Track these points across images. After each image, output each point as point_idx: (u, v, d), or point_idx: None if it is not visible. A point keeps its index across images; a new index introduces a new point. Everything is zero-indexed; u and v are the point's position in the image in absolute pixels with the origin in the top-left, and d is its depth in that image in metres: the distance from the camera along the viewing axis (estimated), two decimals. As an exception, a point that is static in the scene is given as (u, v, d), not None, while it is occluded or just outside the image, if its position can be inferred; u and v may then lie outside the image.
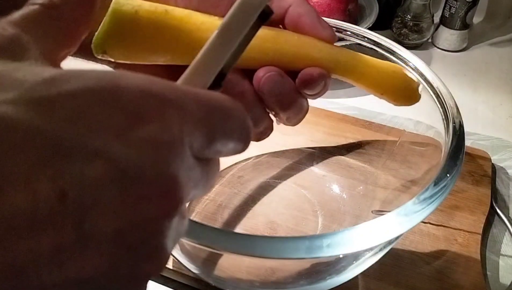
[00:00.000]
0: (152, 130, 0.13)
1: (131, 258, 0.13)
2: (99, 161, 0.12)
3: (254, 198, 0.45)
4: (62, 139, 0.11)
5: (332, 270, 0.32)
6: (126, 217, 0.12)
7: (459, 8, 0.67)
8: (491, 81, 0.66)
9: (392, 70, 0.30)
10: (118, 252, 0.12)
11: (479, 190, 0.45)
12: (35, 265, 0.11)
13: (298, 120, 0.28)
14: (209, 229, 0.24)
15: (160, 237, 0.13)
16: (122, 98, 0.13)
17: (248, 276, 0.34)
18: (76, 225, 0.11)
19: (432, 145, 0.36)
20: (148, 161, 0.13)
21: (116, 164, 0.12)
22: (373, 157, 0.48)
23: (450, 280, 0.38)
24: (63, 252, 0.11)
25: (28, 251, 0.11)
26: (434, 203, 0.26)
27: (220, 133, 0.16)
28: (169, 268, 0.38)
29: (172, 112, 0.13)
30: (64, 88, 0.12)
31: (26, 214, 0.11)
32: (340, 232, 0.24)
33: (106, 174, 0.12)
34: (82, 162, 0.11)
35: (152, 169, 0.13)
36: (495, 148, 0.53)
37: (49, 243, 0.11)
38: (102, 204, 0.12)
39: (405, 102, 0.31)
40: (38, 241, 0.11)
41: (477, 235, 0.41)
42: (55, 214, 0.11)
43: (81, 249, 0.12)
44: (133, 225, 0.12)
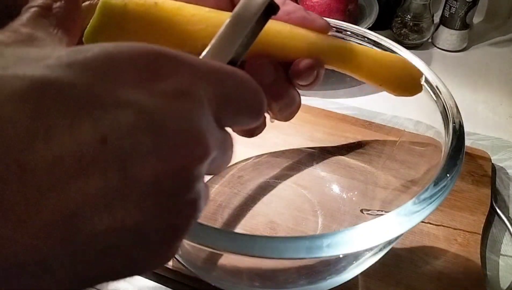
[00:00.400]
0: (173, 84, 0.14)
1: (170, 206, 0.14)
2: (131, 110, 0.13)
3: (254, 198, 0.45)
4: (95, 93, 0.13)
5: (332, 270, 0.32)
6: (162, 162, 0.13)
7: (459, 8, 0.67)
8: (491, 81, 0.66)
9: (390, 60, 0.29)
10: (158, 198, 0.13)
11: (479, 190, 0.45)
12: (86, 208, 0.12)
13: (290, 113, 0.28)
14: (209, 229, 0.24)
15: (193, 183, 0.15)
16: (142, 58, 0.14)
17: (248, 276, 0.34)
18: (119, 168, 0.12)
19: (432, 145, 0.36)
20: (174, 111, 0.14)
21: (146, 113, 0.13)
22: (373, 157, 0.48)
23: (450, 280, 0.38)
24: (110, 195, 0.12)
25: (78, 192, 0.12)
26: (434, 203, 0.26)
27: (234, 98, 0.17)
28: (169, 268, 0.38)
29: (188, 71, 0.15)
30: (88, 54, 0.13)
31: (74, 156, 0.12)
32: (340, 232, 0.24)
33: (138, 122, 0.13)
34: (116, 111, 0.13)
35: (179, 119, 0.14)
36: (495, 148, 0.53)
37: (97, 185, 0.12)
38: (139, 150, 0.13)
39: (406, 92, 0.30)
40: (86, 182, 0.12)
41: (477, 235, 0.41)
42: (99, 157, 0.12)
43: (125, 193, 0.13)
44: (168, 170, 0.13)
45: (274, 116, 0.28)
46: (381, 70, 0.29)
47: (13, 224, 0.11)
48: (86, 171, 0.12)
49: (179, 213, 0.15)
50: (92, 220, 0.12)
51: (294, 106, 0.27)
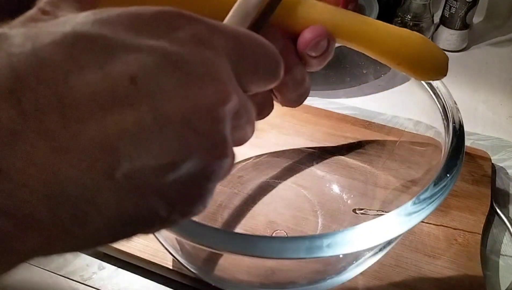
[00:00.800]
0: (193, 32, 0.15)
1: (200, 145, 0.15)
2: (156, 54, 0.14)
3: (254, 198, 0.45)
4: (123, 41, 0.14)
5: (332, 270, 0.32)
6: (188, 101, 0.14)
7: (459, 8, 0.67)
8: (491, 81, 0.66)
9: (410, 36, 0.26)
10: (189, 136, 0.14)
11: (479, 190, 0.45)
12: (124, 141, 0.13)
13: (298, 96, 0.26)
14: (209, 229, 0.24)
15: (220, 125, 0.15)
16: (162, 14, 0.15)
17: (248, 276, 0.34)
18: (150, 104, 0.13)
19: (432, 145, 0.36)
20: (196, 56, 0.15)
21: (170, 56, 0.14)
22: (373, 157, 0.48)
23: (450, 280, 0.38)
24: (145, 131, 0.13)
25: (115, 125, 0.13)
26: (434, 203, 0.26)
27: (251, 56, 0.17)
28: (169, 268, 0.38)
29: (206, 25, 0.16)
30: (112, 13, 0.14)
31: (107, 91, 0.13)
32: (340, 232, 0.24)
33: (164, 64, 0.14)
34: (142, 55, 0.14)
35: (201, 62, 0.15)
36: (495, 148, 0.53)
37: (131, 120, 0.13)
38: (166, 89, 0.14)
39: (428, 74, 0.27)
40: (121, 116, 0.13)
41: (477, 235, 0.41)
42: (130, 94, 0.13)
43: (159, 129, 0.14)
44: (195, 109, 0.14)
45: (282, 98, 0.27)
46: (400, 46, 0.25)
47: (56, 153, 0.12)
48: (120, 105, 0.13)
49: (211, 154, 0.15)
50: (131, 155, 0.13)
51: (303, 88, 0.26)
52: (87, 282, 0.38)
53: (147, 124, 0.13)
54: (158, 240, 0.33)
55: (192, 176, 0.15)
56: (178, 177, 0.15)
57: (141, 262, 0.39)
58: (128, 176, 0.13)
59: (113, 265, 0.39)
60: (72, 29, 0.13)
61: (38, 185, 0.12)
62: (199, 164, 0.15)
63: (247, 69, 0.17)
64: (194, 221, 0.24)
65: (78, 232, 0.13)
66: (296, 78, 0.25)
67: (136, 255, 0.38)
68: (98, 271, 0.39)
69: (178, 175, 0.15)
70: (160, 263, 0.38)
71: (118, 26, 0.14)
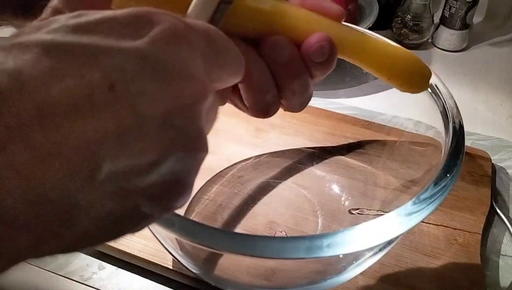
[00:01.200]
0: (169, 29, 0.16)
1: (180, 141, 0.15)
2: (134, 57, 0.14)
3: (254, 198, 0.45)
4: (101, 47, 0.14)
5: (332, 270, 0.32)
6: (168, 102, 0.15)
7: (459, 8, 0.67)
8: (491, 81, 0.66)
9: (402, 53, 0.28)
10: (169, 134, 0.15)
11: (479, 190, 0.45)
12: (104, 145, 0.13)
13: (302, 102, 0.27)
14: (209, 229, 0.24)
15: (198, 120, 0.16)
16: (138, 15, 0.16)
17: (248, 276, 0.34)
18: (129, 109, 0.14)
19: (432, 145, 0.36)
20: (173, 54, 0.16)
21: (148, 58, 0.15)
22: (373, 157, 0.48)
23: (450, 280, 0.38)
24: (125, 134, 0.14)
25: (95, 132, 0.13)
26: (434, 203, 0.26)
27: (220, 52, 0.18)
28: (169, 268, 0.38)
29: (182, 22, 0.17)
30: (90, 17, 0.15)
31: (86, 98, 0.13)
32: (340, 232, 0.24)
33: (142, 68, 0.15)
34: (120, 59, 0.14)
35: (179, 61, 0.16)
36: (495, 148, 0.53)
37: (111, 124, 0.14)
38: (146, 92, 0.14)
39: (412, 88, 0.29)
40: (101, 122, 0.13)
41: (477, 235, 0.41)
42: (110, 100, 0.14)
43: (139, 130, 0.14)
44: (176, 107, 0.15)
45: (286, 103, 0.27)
46: (393, 63, 0.28)
47: (38, 161, 0.13)
48: (99, 113, 0.13)
49: (190, 149, 0.16)
50: (112, 158, 0.14)
51: (307, 94, 0.27)
52: (87, 282, 0.38)
53: (127, 128, 0.14)
54: (158, 240, 0.33)
55: (172, 172, 0.16)
56: (159, 174, 0.15)
57: (141, 262, 0.39)
58: (110, 178, 0.14)
59: (113, 265, 0.39)
60: (51, 39, 0.14)
61: (23, 192, 0.13)
62: (179, 160, 0.16)
63: (217, 65, 0.18)
64: (194, 221, 0.24)
65: (66, 234, 0.14)
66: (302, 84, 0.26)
67: (136, 255, 0.38)
68: (98, 271, 0.39)
69: (159, 172, 0.15)
70: (160, 263, 0.38)
71: (95, 31, 0.15)
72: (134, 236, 0.40)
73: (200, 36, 0.17)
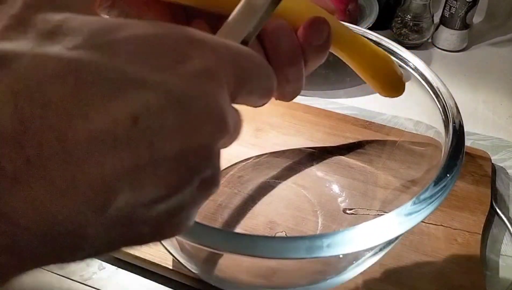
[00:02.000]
0: (199, 65, 0.15)
1: (192, 180, 0.15)
2: (160, 91, 0.14)
3: (254, 198, 0.45)
4: (127, 74, 0.13)
5: (332, 270, 0.32)
6: (187, 140, 0.14)
7: (459, 8, 0.67)
8: (491, 81, 0.66)
9: (384, 55, 0.29)
10: (183, 173, 0.15)
11: (479, 190, 0.45)
12: (119, 182, 0.13)
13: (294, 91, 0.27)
14: (209, 229, 0.24)
15: (213, 159, 0.16)
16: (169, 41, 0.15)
17: (248, 276, 0.34)
18: (148, 145, 0.13)
19: (432, 145, 0.36)
20: (199, 91, 0.15)
21: (173, 93, 0.14)
22: (373, 157, 0.48)
23: (450, 280, 0.38)
24: (141, 171, 0.14)
25: (112, 167, 0.13)
26: (434, 203, 0.26)
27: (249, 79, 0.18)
28: (169, 268, 0.38)
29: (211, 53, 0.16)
30: (119, 35, 0.14)
31: (109, 134, 0.13)
32: (340, 232, 0.24)
33: (166, 102, 0.14)
34: (147, 92, 0.14)
35: (203, 98, 0.15)
36: (495, 148, 0.53)
37: (129, 161, 0.13)
38: (166, 128, 0.14)
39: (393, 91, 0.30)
40: (120, 158, 0.13)
41: (477, 235, 0.41)
42: (131, 136, 0.13)
43: (154, 168, 0.14)
44: (193, 147, 0.15)
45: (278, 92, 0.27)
46: (376, 63, 0.29)
47: (55, 196, 0.12)
48: (119, 148, 0.13)
49: (201, 187, 0.16)
50: (124, 194, 0.13)
51: (300, 82, 0.26)
52: (87, 282, 0.38)
53: (143, 165, 0.14)
54: (158, 240, 0.32)
55: (179, 205, 0.16)
56: (166, 206, 0.15)
57: (141, 262, 0.39)
58: (119, 211, 0.14)
59: (113, 265, 0.39)
60: (76, 56, 0.13)
61: (36, 226, 0.12)
62: (189, 195, 0.16)
63: (244, 92, 0.18)
64: (194, 221, 0.24)
65: (69, 259, 0.14)
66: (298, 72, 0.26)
67: (136, 255, 0.39)
68: (98, 271, 0.39)
69: (167, 205, 0.15)
70: (160, 263, 0.38)
71: (123, 54, 0.14)
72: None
73: (232, 68, 0.17)
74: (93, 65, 0.13)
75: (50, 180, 0.12)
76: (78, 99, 0.13)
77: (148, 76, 0.14)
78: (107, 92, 0.13)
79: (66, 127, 0.12)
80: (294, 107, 0.54)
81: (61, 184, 0.12)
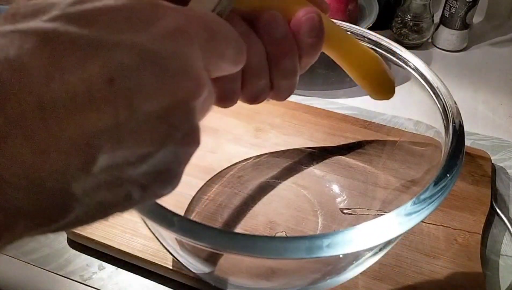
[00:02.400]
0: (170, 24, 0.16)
1: (174, 136, 0.16)
2: (134, 51, 0.15)
3: (254, 198, 0.45)
4: (100, 39, 0.14)
5: (332, 270, 0.32)
6: (167, 97, 0.15)
7: (459, 8, 0.67)
8: (491, 81, 0.66)
9: (375, 56, 0.30)
10: (164, 129, 0.15)
11: (479, 190, 0.45)
12: (100, 139, 0.14)
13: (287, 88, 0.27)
14: (209, 229, 0.24)
15: (193, 116, 0.16)
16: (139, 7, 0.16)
17: (248, 276, 0.34)
18: (127, 104, 0.14)
19: (432, 145, 0.36)
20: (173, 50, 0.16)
21: (148, 53, 0.15)
22: (373, 157, 0.48)
23: (450, 280, 0.38)
24: (121, 128, 0.14)
25: (92, 126, 0.14)
26: (434, 203, 0.26)
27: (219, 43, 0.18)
28: (169, 268, 0.38)
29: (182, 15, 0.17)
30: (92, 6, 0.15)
31: (85, 93, 0.14)
32: (340, 232, 0.24)
33: (142, 62, 0.15)
34: (121, 53, 0.14)
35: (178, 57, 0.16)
36: (495, 148, 0.53)
37: (108, 118, 0.14)
38: (144, 87, 0.15)
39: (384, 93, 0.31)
40: (98, 116, 0.14)
41: (477, 235, 0.41)
42: (108, 95, 0.14)
43: (135, 126, 0.14)
44: (172, 104, 0.15)
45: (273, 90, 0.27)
46: (367, 63, 0.29)
47: (37, 153, 0.13)
48: (98, 107, 0.14)
49: (182, 142, 0.16)
50: (107, 151, 0.14)
51: (294, 80, 0.26)
52: (87, 282, 0.38)
53: (123, 123, 0.14)
54: (158, 240, 0.33)
55: (164, 162, 0.16)
56: (151, 164, 0.16)
57: (141, 262, 0.39)
58: (104, 169, 0.14)
59: (113, 265, 0.39)
60: (52, 29, 0.14)
61: (21, 181, 0.13)
62: (171, 152, 0.16)
63: (216, 56, 0.18)
64: (194, 221, 0.24)
65: (60, 219, 0.15)
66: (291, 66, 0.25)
67: (136, 255, 0.38)
68: (98, 271, 0.39)
69: (152, 163, 0.16)
70: (160, 263, 0.38)
71: (97, 22, 0.15)
72: (134, 236, 0.40)
73: (201, 28, 0.17)
74: (68, 33, 0.14)
75: (30, 137, 0.13)
76: (55, 64, 0.13)
77: (121, 39, 0.15)
78: (82, 56, 0.14)
79: (43, 89, 0.13)
80: (294, 107, 0.54)
81: (42, 141, 0.13)
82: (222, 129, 0.51)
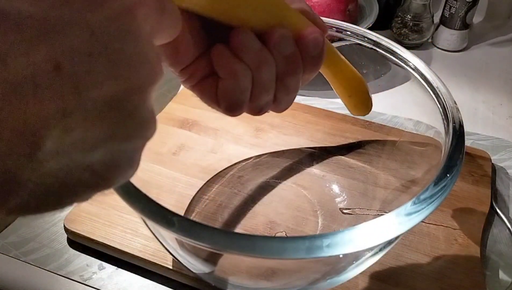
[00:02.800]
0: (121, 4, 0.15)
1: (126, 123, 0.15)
2: (84, 34, 0.13)
3: (254, 198, 0.45)
4: (49, 19, 0.13)
5: (332, 270, 0.32)
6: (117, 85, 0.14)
7: (459, 8, 0.67)
8: (491, 81, 0.66)
9: (361, 78, 0.32)
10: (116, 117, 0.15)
11: (479, 190, 0.45)
12: (45, 127, 0.13)
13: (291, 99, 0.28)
14: (209, 229, 0.24)
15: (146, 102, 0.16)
16: None
17: (248, 276, 0.34)
18: (74, 91, 0.13)
19: (432, 145, 0.36)
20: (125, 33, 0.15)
21: (98, 36, 0.14)
22: (373, 157, 0.48)
23: (450, 280, 0.38)
24: (68, 117, 0.13)
25: (36, 115, 0.13)
26: (434, 203, 0.26)
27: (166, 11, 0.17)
28: (169, 268, 0.38)
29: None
30: None
31: (28, 80, 0.13)
32: (340, 232, 0.24)
33: (91, 46, 0.14)
34: (70, 36, 0.13)
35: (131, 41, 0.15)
36: (495, 148, 0.53)
37: (54, 107, 0.13)
38: (93, 74, 0.14)
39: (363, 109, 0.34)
40: (43, 105, 0.13)
41: (477, 235, 0.41)
42: (54, 82, 0.13)
43: (83, 114, 0.14)
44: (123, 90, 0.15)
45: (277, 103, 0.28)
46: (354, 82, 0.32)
47: None
48: (41, 95, 0.13)
49: (136, 129, 0.16)
50: (52, 138, 0.13)
51: (295, 93, 0.28)
52: (87, 282, 0.38)
53: (71, 111, 0.13)
54: (158, 240, 0.33)
55: (118, 149, 0.16)
56: (103, 151, 0.15)
57: (141, 262, 0.39)
58: (51, 156, 0.14)
59: (113, 265, 0.39)
60: None
61: None
62: (125, 138, 0.16)
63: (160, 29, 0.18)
64: (194, 221, 0.24)
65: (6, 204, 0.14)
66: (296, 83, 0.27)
67: (136, 255, 0.39)
68: (98, 271, 0.39)
69: (104, 150, 0.15)
70: (160, 263, 0.38)
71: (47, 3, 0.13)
72: (134, 236, 0.40)
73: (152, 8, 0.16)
74: (13, 13, 0.13)
75: None
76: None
77: (70, 19, 0.13)
78: (28, 38, 0.13)
79: None
80: (294, 107, 0.53)
81: None
82: (222, 129, 0.51)
